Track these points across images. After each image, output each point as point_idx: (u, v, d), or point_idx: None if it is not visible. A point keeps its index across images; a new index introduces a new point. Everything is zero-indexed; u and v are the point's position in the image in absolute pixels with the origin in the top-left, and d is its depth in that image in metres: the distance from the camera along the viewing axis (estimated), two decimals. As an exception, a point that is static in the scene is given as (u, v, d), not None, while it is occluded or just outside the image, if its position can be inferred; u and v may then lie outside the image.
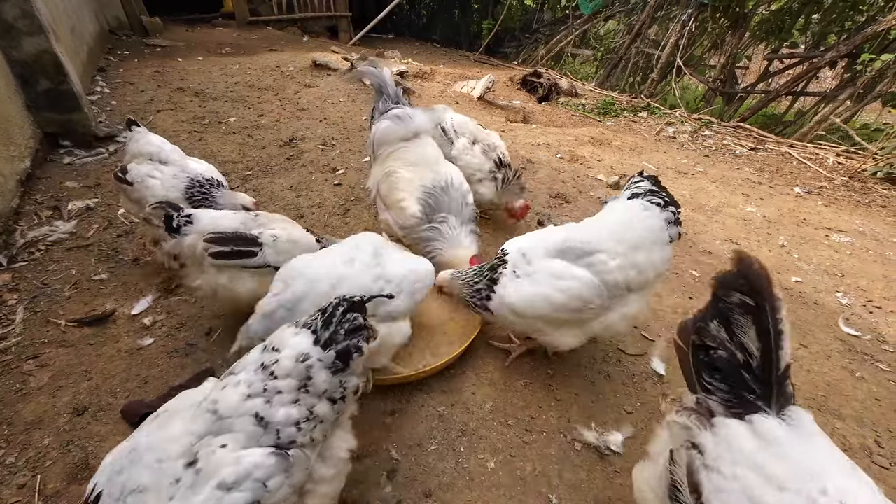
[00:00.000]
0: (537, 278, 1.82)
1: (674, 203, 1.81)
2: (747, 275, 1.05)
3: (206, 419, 1.10)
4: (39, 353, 2.08)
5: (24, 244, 2.71)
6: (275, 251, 1.99)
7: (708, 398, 1.10)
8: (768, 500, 0.94)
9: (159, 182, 2.43)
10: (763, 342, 1.03)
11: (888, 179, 4.72)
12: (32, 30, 3.38)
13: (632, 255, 1.76)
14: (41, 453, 1.68)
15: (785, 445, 0.99)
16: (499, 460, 1.76)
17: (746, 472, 0.98)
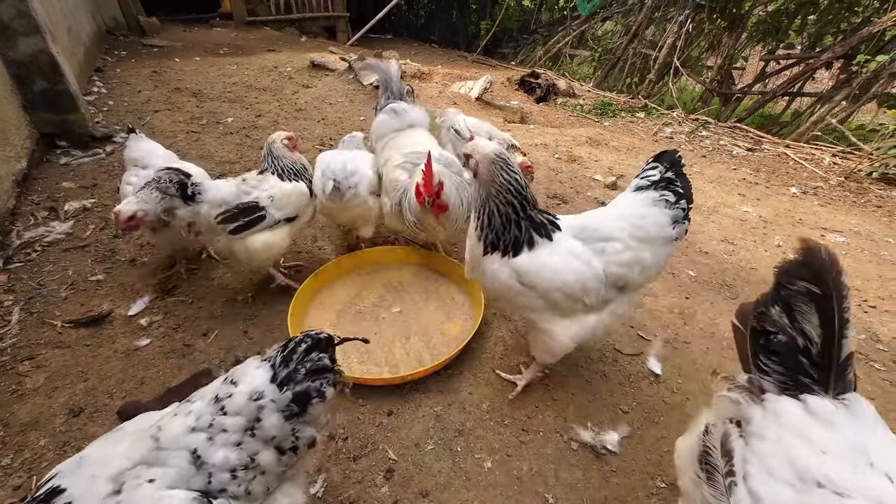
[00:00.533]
0: (557, 249, 1.69)
1: (687, 197, 1.70)
2: (812, 263, 1.05)
3: (146, 445, 1.03)
4: (35, 353, 2.07)
5: (21, 245, 2.71)
6: (276, 208, 2.25)
7: (762, 378, 1.12)
8: (808, 461, 0.94)
9: (131, 188, 2.35)
10: (825, 330, 1.03)
11: (883, 180, 4.75)
12: (28, 30, 3.37)
13: (639, 251, 1.68)
14: (37, 454, 1.67)
15: (835, 421, 0.99)
16: (495, 460, 1.77)
17: (790, 437, 0.99)
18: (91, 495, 0.95)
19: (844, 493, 0.89)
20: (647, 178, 1.72)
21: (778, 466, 0.97)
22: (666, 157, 1.73)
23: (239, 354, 2.13)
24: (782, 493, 0.93)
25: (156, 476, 0.98)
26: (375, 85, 5.96)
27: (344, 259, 2.70)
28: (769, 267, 3.18)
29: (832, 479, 0.91)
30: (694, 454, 1.18)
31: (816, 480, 0.92)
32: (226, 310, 2.42)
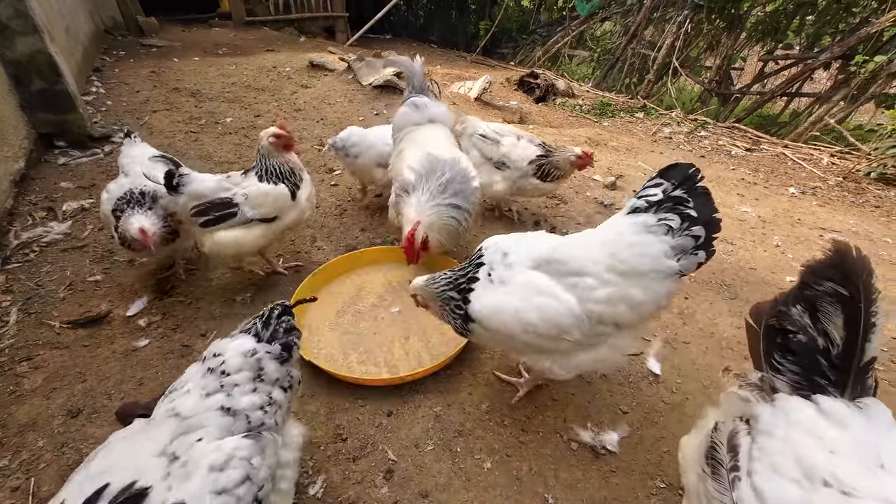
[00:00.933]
0: (513, 289, 1.54)
1: (705, 222, 1.36)
2: (842, 264, 1.02)
3: (171, 423, 1.10)
4: (33, 354, 2.07)
5: (18, 245, 2.70)
6: (250, 206, 2.27)
7: (775, 377, 1.11)
8: (816, 459, 0.92)
9: (107, 196, 2.33)
10: (849, 332, 1.01)
11: (882, 180, 4.76)
12: (26, 30, 3.36)
13: (625, 287, 1.45)
14: (35, 456, 1.67)
15: (848, 422, 0.97)
16: (495, 460, 1.77)
17: (799, 435, 0.98)
18: (149, 476, 0.99)
19: (852, 492, 0.87)
20: (646, 197, 1.44)
21: (784, 464, 0.96)
22: (675, 172, 1.41)
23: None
24: (787, 491, 0.92)
25: (201, 435, 1.08)
26: (375, 85, 5.96)
27: (343, 259, 2.70)
28: (768, 267, 3.21)
29: (839, 479, 0.89)
30: (701, 450, 1.18)
31: (823, 479, 0.90)
32: (225, 310, 2.41)
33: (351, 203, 3.49)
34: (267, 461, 1.14)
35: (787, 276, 3.11)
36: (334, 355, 2.17)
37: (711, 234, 1.36)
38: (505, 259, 1.61)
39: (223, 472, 1.03)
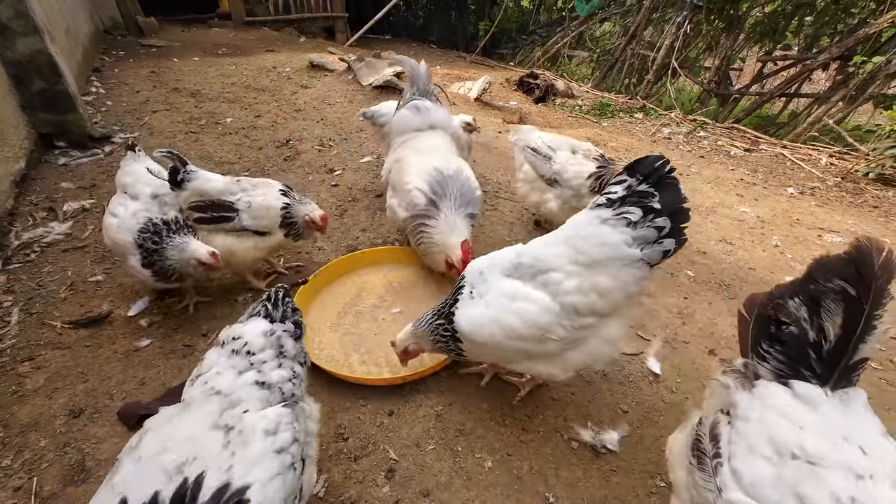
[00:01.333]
0: (490, 299, 1.62)
1: (671, 213, 1.38)
2: (859, 265, 1.02)
3: (216, 399, 1.20)
4: (35, 354, 2.07)
5: (19, 245, 2.70)
6: (249, 216, 2.28)
7: (759, 364, 1.14)
8: (785, 436, 0.97)
9: (116, 222, 2.12)
10: (845, 331, 1.02)
11: (880, 180, 4.78)
12: (27, 30, 3.37)
13: (591, 277, 1.49)
14: (37, 455, 1.67)
15: (819, 403, 1.02)
16: (496, 459, 1.77)
17: (772, 416, 1.03)
18: (209, 446, 1.07)
19: (817, 462, 0.92)
20: (608, 194, 1.48)
21: (758, 444, 1.00)
22: (641, 166, 1.42)
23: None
24: (759, 467, 0.97)
25: (246, 408, 1.18)
26: (375, 85, 5.96)
27: (344, 260, 2.70)
28: (767, 267, 3.22)
29: (805, 450, 0.94)
30: (687, 444, 1.22)
31: (791, 452, 0.95)
32: (226, 311, 2.42)
33: (351, 203, 3.50)
34: (301, 426, 1.26)
35: (786, 276, 3.13)
36: (335, 356, 2.17)
37: (679, 223, 1.39)
38: (481, 276, 1.70)
39: (277, 435, 1.15)
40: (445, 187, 2.39)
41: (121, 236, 2.09)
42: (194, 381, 1.29)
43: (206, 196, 2.24)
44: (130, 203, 2.17)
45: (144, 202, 2.19)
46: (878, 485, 0.89)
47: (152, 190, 2.24)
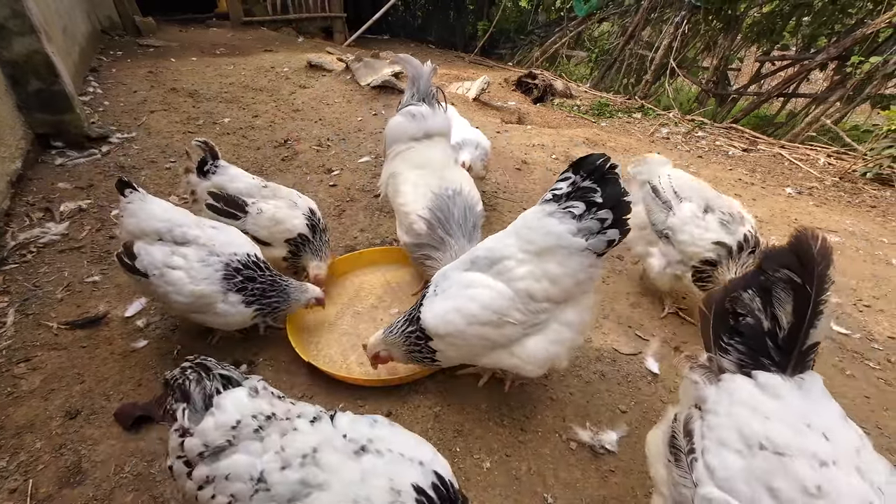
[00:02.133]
0: (451, 292, 1.71)
1: (613, 206, 1.46)
2: (800, 253, 1.07)
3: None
4: (31, 355, 2.06)
5: (15, 246, 2.69)
6: (254, 222, 2.28)
7: (722, 357, 1.18)
8: (754, 427, 1.02)
9: (184, 273, 1.87)
10: (797, 317, 1.07)
11: (877, 180, 4.79)
12: (23, 30, 3.35)
13: (540, 264, 1.58)
14: (33, 457, 1.66)
15: (782, 392, 1.06)
16: (494, 460, 1.77)
17: (739, 408, 1.07)
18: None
19: (784, 452, 0.96)
20: (554, 190, 1.57)
21: (728, 437, 1.04)
22: (585, 164, 1.50)
23: (237, 356, 2.12)
24: (730, 460, 1.01)
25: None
26: (373, 85, 5.96)
27: (341, 260, 2.70)
28: (765, 267, 3.22)
29: (773, 441, 0.98)
30: (665, 441, 1.23)
31: (759, 443, 0.99)
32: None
33: (349, 203, 3.49)
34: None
35: (784, 276, 3.13)
36: (333, 356, 2.17)
37: (621, 214, 1.48)
38: (444, 275, 1.80)
39: None
40: (447, 211, 2.28)
41: (202, 288, 1.87)
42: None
43: (225, 190, 2.31)
44: (184, 249, 1.91)
45: (201, 244, 1.94)
46: (841, 470, 0.93)
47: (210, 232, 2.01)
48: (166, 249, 1.89)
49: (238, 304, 1.94)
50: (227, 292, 1.92)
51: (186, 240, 1.92)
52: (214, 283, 1.89)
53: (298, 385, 2.01)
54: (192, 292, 1.85)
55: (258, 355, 2.14)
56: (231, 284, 1.92)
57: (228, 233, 2.06)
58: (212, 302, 1.90)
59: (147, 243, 1.90)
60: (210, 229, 2.01)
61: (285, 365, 2.10)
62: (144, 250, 1.88)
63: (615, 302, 2.68)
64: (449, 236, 2.23)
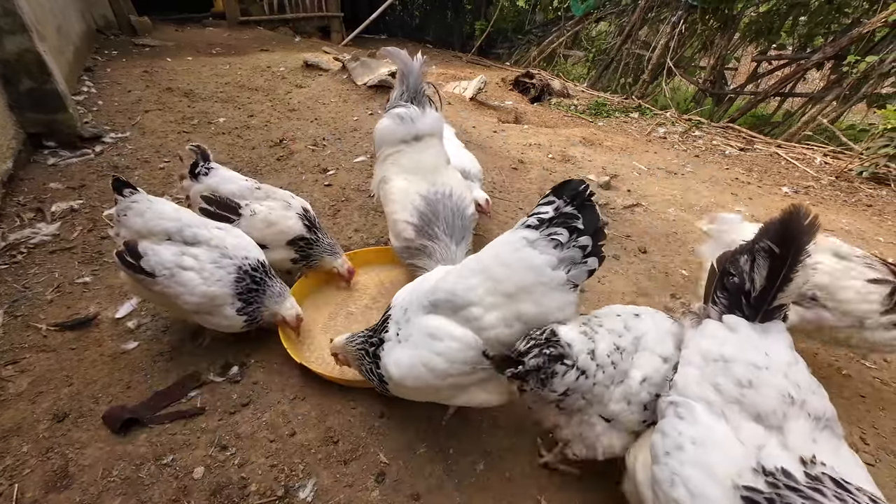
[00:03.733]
0: (415, 341, 1.53)
1: (591, 232, 1.38)
2: (783, 227, 1.23)
3: None
4: (19, 358, 2.03)
5: (6, 247, 2.66)
6: (247, 224, 2.24)
7: (712, 307, 1.39)
8: (711, 349, 1.27)
9: (196, 275, 1.85)
10: (768, 282, 1.26)
11: (873, 179, 4.79)
12: (14, 28, 3.32)
13: (513, 306, 1.41)
14: (19, 461, 1.64)
15: (741, 329, 1.29)
16: (488, 462, 1.75)
17: (704, 339, 1.32)
18: None
19: (730, 360, 1.23)
20: (539, 215, 1.41)
21: (691, 357, 1.31)
22: (567, 190, 1.40)
23: (228, 357, 2.10)
24: (689, 372, 1.27)
25: None
26: (370, 85, 5.93)
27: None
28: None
29: (723, 355, 1.24)
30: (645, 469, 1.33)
31: (713, 358, 1.26)
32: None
33: (345, 203, 3.47)
34: None
35: (781, 276, 3.12)
36: (326, 358, 2.14)
37: (598, 241, 1.41)
38: (405, 315, 1.61)
39: None
40: (436, 215, 2.23)
41: (215, 289, 1.87)
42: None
43: (217, 193, 2.28)
44: (194, 250, 1.90)
45: (213, 247, 1.94)
46: (771, 373, 1.19)
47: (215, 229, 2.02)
48: (175, 249, 1.87)
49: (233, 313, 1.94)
50: (235, 295, 1.91)
51: (197, 240, 1.91)
52: (226, 285, 1.89)
53: (291, 386, 1.99)
54: (205, 294, 1.84)
55: (250, 357, 2.12)
56: (240, 288, 1.92)
57: (237, 235, 2.06)
58: (222, 304, 1.90)
59: (153, 243, 1.87)
60: (216, 230, 2.00)
61: (277, 367, 2.08)
62: (151, 250, 1.83)
63: (610, 301, 2.66)
64: (436, 241, 2.18)
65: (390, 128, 2.45)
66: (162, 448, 1.70)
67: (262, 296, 2.00)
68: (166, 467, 1.64)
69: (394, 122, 2.44)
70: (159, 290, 1.84)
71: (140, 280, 1.85)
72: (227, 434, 1.77)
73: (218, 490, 1.58)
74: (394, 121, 2.44)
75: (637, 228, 3.51)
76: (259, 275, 1.99)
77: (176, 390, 1.92)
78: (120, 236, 1.92)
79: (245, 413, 1.87)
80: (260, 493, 1.59)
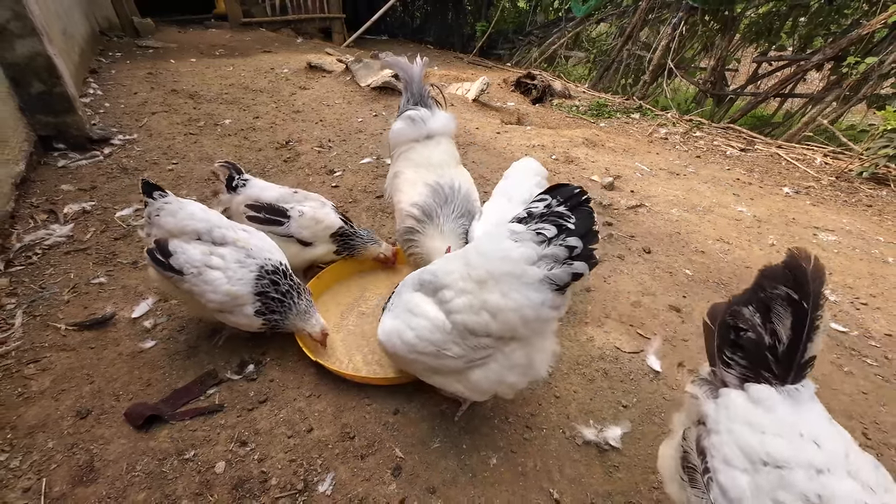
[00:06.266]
0: (397, 312, 1.67)
1: (581, 234, 1.34)
2: (797, 272, 1.12)
3: None
4: (40, 357, 2.07)
5: (21, 248, 2.70)
6: (298, 225, 2.39)
7: (725, 371, 1.21)
8: (751, 442, 1.06)
9: (221, 274, 1.91)
10: (795, 332, 1.11)
11: (873, 179, 4.84)
12: (25, 32, 3.36)
13: (480, 294, 1.41)
14: (46, 456, 1.68)
15: (773, 404, 1.11)
16: (500, 456, 1.80)
17: (738, 426, 1.11)
18: None
19: (783, 465, 1.00)
20: (530, 208, 1.42)
21: (731, 455, 1.07)
22: (562, 191, 1.41)
23: (244, 356, 2.15)
24: (739, 479, 1.04)
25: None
26: (373, 86, 5.98)
27: (346, 261, 2.71)
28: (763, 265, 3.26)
29: (772, 456, 1.02)
30: (676, 458, 1.24)
31: (761, 459, 1.03)
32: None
33: (352, 204, 3.51)
34: None
35: (783, 275, 3.17)
36: (339, 356, 2.19)
37: (590, 245, 1.35)
38: (399, 289, 1.76)
39: None
40: (440, 203, 2.32)
41: (241, 289, 1.93)
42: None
43: (259, 201, 2.39)
44: (222, 250, 1.96)
45: (237, 245, 2.00)
46: (835, 476, 0.98)
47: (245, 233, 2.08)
48: (204, 248, 1.94)
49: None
50: (254, 294, 1.97)
51: (225, 241, 1.98)
52: (247, 284, 1.95)
53: (306, 384, 2.04)
54: (228, 292, 1.91)
55: (266, 355, 2.17)
56: (259, 287, 1.97)
57: (261, 238, 2.12)
58: (243, 304, 1.96)
59: (183, 241, 1.94)
60: (242, 232, 2.07)
61: (292, 364, 2.13)
62: (181, 248, 1.90)
63: (616, 301, 2.72)
64: (431, 221, 2.26)
65: (403, 130, 2.57)
66: (183, 444, 1.75)
67: (287, 311, 2.03)
68: (188, 462, 1.69)
69: (406, 125, 2.55)
70: (186, 287, 1.89)
71: (169, 278, 1.90)
72: (246, 430, 1.82)
73: (240, 484, 1.63)
74: (406, 123, 2.55)
75: (641, 229, 3.56)
76: (278, 278, 2.02)
77: (195, 388, 1.97)
78: (151, 235, 1.97)
79: (263, 410, 1.91)
80: (280, 487, 1.63)
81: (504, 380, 1.57)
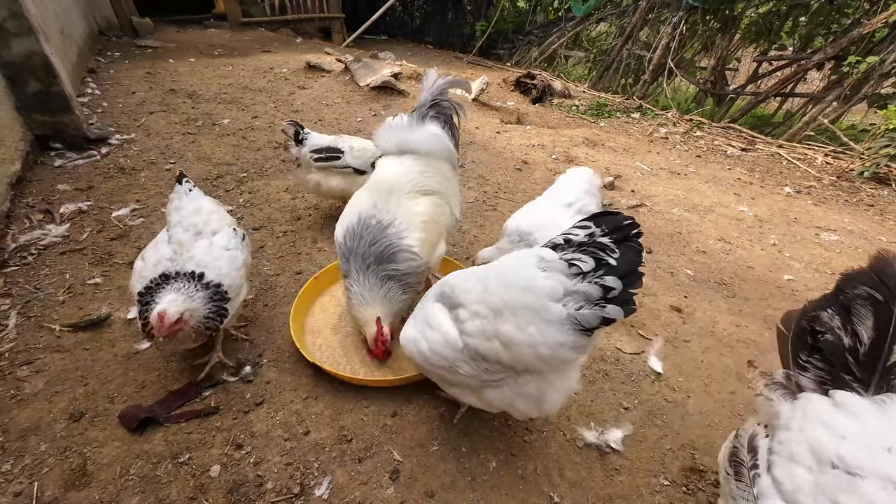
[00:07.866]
0: (418, 321, 1.65)
1: (623, 274, 1.18)
2: (880, 271, 1.08)
3: None
4: (34, 358, 2.05)
5: (16, 248, 2.67)
6: (351, 156, 2.94)
7: (801, 374, 1.17)
8: (825, 444, 0.99)
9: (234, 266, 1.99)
10: (878, 333, 1.06)
11: (874, 179, 4.82)
12: (21, 31, 3.34)
13: (495, 321, 1.31)
14: (38, 460, 1.65)
15: (859, 412, 1.02)
16: (500, 459, 1.77)
17: (813, 425, 1.05)
18: None
19: (856, 472, 0.93)
20: (569, 235, 1.27)
21: (799, 452, 1.03)
22: (609, 220, 1.25)
23: (240, 356, 2.12)
24: (799, 475, 0.99)
25: None
26: (372, 86, 5.96)
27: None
28: (765, 265, 3.24)
29: (845, 460, 0.95)
30: (725, 454, 1.26)
31: (831, 461, 0.96)
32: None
33: (351, 204, 3.49)
34: None
35: (785, 275, 3.15)
36: (337, 358, 2.16)
37: (630, 288, 1.18)
38: (429, 293, 1.72)
39: None
40: (352, 247, 1.96)
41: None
42: None
43: (319, 147, 2.92)
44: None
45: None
46: None
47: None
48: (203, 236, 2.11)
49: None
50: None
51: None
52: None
53: (303, 386, 2.01)
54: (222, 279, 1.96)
55: (262, 356, 2.14)
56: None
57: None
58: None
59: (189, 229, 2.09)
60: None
61: (289, 366, 2.10)
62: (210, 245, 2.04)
63: (617, 301, 2.69)
64: (358, 280, 1.97)
65: (380, 137, 2.25)
66: (178, 447, 1.72)
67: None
68: (183, 466, 1.66)
69: (385, 132, 2.22)
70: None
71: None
72: (241, 433, 1.79)
73: (235, 488, 1.60)
74: (385, 130, 2.23)
75: (642, 228, 3.53)
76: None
77: (190, 390, 1.94)
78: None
79: (259, 412, 1.89)
80: (276, 491, 1.61)
81: (514, 405, 1.50)
